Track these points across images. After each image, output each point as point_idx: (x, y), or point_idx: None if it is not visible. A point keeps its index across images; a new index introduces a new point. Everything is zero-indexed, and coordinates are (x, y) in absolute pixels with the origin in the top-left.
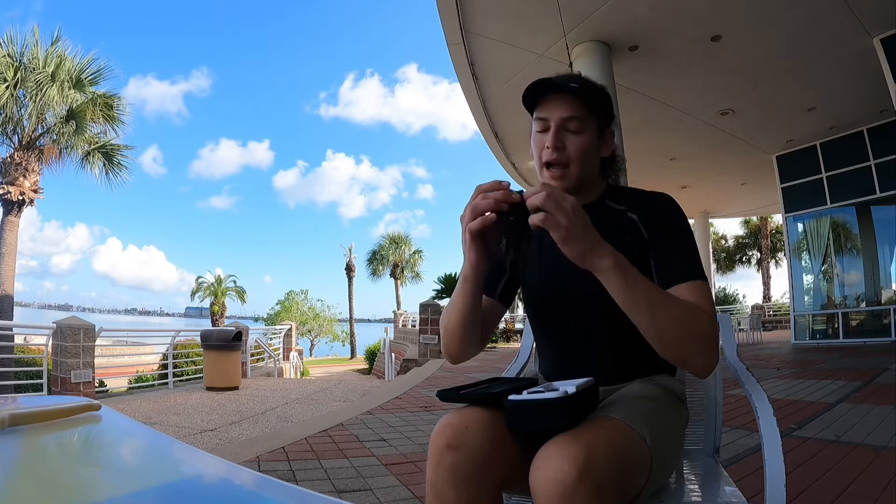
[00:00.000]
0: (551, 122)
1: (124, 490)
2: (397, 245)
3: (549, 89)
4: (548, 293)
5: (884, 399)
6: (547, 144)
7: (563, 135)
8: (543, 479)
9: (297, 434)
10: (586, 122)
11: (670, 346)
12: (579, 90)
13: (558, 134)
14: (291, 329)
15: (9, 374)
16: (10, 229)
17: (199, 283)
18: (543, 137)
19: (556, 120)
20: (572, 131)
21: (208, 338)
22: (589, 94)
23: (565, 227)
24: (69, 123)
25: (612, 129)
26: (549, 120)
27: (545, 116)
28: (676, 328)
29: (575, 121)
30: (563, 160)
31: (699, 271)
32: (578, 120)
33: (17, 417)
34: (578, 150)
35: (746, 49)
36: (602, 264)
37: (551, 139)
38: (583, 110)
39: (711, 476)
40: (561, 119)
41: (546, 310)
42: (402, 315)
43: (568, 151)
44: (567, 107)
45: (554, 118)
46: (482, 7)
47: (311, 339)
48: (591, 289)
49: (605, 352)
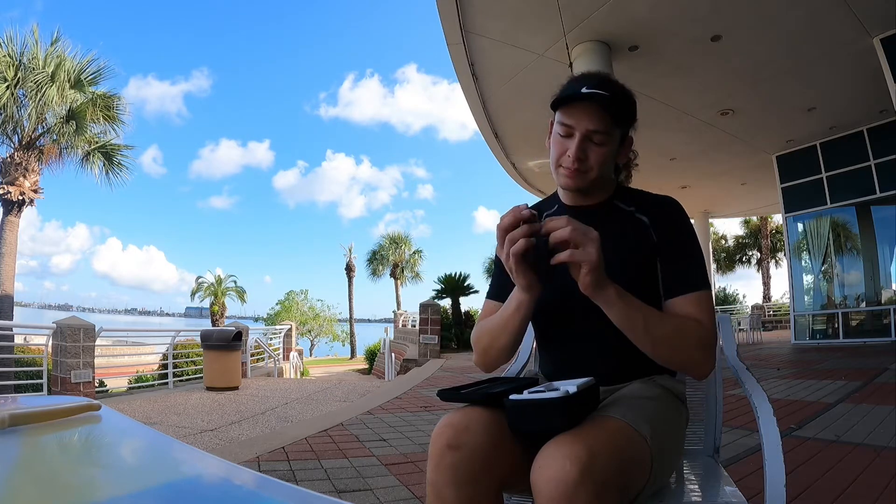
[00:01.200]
0: (576, 132)
1: (124, 490)
2: (397, 245)
3: (581, 96)
4: (551, 297)
5: (884, 399)
6: (570, 154)
7: (587, 146)
8: (545, 478)
9: (297, 434)
10: (611, 135)
11: (668, 361)
12: (610, 102)
13: (582, 145)
14: (291, 329)
15: (9, 374)
16: (10, 229)
17: (199, 283)
18: (566, 143)
19: (583, 131)
20: (596, 143)
21: (208, 338)
22: (618, 107)
23: (594, 262)
24: (69, 123)
25: (632, 136)
26: (575, 129)
27: (571, 124)
28: (671, 345)
29: (600, 134)
30: (584, 170)
31: (703, 281)
32: (604, 134)
33: (17, 417)
34: (599, 160)
35: (746, 49)
36: (609, 294)
37: (575, 150)
38: (609, 123)
39: (711, 476)
40: (587, 131)
41: (548, 313)
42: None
43: (589, 162)
44: (595, 119)
45: (580, 129)
46: (482, 7)
47: (311, 339)
48: None
49: (606, 354)
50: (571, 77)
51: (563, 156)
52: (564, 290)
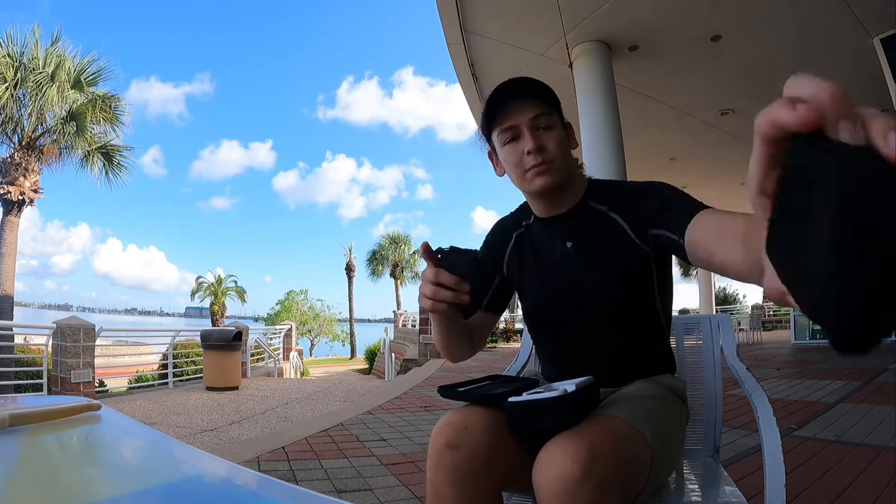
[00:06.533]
0: (522, 127)
1: (124, 490)
2: (397, 245)
3: (505, 98)
4: (547, 302)
5: (884, 399)
6: (527, 149)
7: (538, 134)
8: (547, 477)
9: (297, 434)
10: (553, 117)
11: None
12: (532, 86)
13: (534, 134)
14: (291, 329)
15: (9, 374)
16: (11, 229)
17: (200, 283)
18: (517, 146)
19: (527, 122)
20: (545, 128)
21: (208, 338)
22: (541, 89)
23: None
24: (69, 124)
25: (569, 121)
26: (520, 125)
27: (513, 123)
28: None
29: (544, 116)
30: (549, 159)
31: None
32: (547, 115)
33: (17, 417)
34: (556, 145)
35: (746, 49)
36: None
37: (531, 142)
38: (545, 105)
39: (711, 476)
40: (530, 119)
41: (546, 318)
42: (402, 315)
43: (549, 149)
44: (531, 106)
45: (524, 121)
46: (482, 7)
47: (311, 339)
48: (590, 297)
49: (605, 359)
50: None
51: (522, 157)
52: (557, 291)
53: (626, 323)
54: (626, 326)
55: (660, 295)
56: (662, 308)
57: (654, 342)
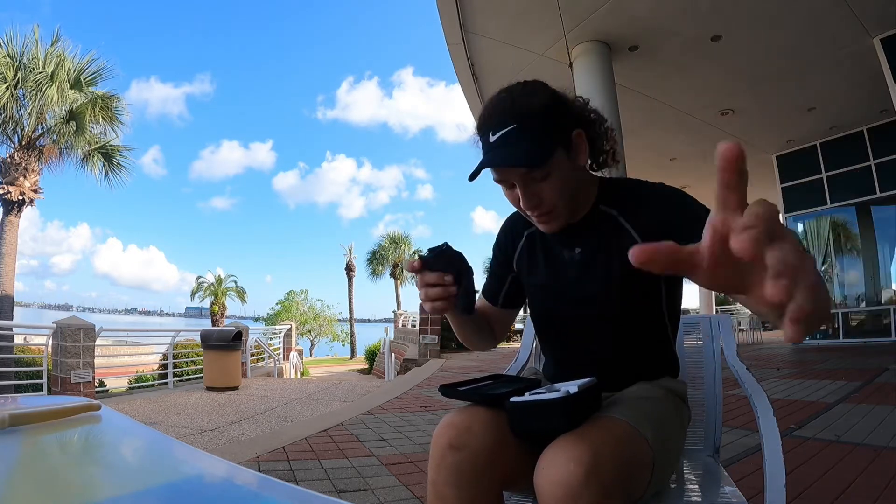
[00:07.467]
0: (514, 182)
1: (124, 490)
2: (397, 245)
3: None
4: (553, 299)
5: (884, 399)
6: (522, 205)
7: (532, 189)
8: (549, 480)
9: (297, 434)
10: (546, 167)
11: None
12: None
13: (527, 192)
14: (291, 329)
15: (9, 374)
16: (10, 229)
17: (200, 283)
18: (513, 194)
19: (518, 180)
20: (539, 180)
21: (208, 338)
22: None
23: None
24: (69, 124)
25: (579, 130)
26: (511, 180)
27: (504, 178)
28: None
29: (536, 171)
30: (546, 210)
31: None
32: (538, 169)
33: (17, 417)
34: (555, 193)
35: (746, 49)
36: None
37: (524, 201)
38: (534, 167)
39: (711, 476)
40: (521, 177)
41: (550, 320)
42: (402, 315)
43: (546, 202)
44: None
45: (515, 178)
46: (482, 7)
47: (311, 339)
48: (595, 302)
49: (609, 357)
50: (477, 122)
51: (520, 207)
52: (563, 294)
53: (631, 328)
54: (631, 331)
55: (667, 300)
56: (669, 313)
57: (659, 347)
